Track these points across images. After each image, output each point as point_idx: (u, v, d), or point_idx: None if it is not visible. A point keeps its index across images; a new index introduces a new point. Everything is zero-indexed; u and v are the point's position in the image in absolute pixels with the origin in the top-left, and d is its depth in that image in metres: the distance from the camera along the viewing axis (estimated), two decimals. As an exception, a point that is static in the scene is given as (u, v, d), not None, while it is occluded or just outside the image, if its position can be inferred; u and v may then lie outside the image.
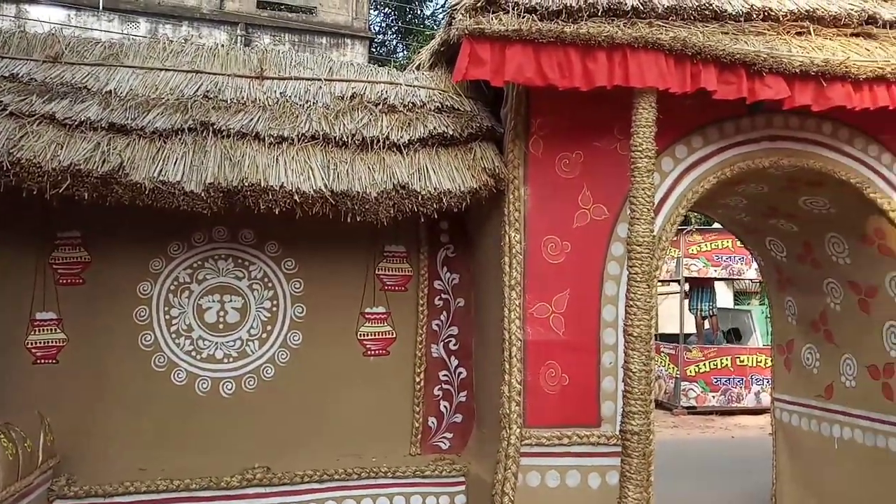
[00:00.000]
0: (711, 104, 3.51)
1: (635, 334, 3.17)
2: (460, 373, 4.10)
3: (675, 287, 12.31)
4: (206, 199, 3.24)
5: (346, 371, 3.93)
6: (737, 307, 15.73)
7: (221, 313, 3.87)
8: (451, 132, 3.65)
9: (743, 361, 10.39)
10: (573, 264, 3.63)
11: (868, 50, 3.66)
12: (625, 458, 3.14)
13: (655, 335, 12.08)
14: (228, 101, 3.60)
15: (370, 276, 3.99)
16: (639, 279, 3.20)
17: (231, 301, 3.88)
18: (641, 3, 3.31)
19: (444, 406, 4.04)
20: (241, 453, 3.73)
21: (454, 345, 4.11)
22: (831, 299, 4.74)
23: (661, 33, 3.22)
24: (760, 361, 10.16)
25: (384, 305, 4.00)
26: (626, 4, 3.28)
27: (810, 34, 3.67)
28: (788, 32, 3.65)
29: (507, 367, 3.50)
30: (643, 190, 3.20)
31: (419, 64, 4.46)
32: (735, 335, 11.86)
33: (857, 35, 3.77)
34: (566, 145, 3.68)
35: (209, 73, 3.75)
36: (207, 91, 3.63)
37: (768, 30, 3.59)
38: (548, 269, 3.61)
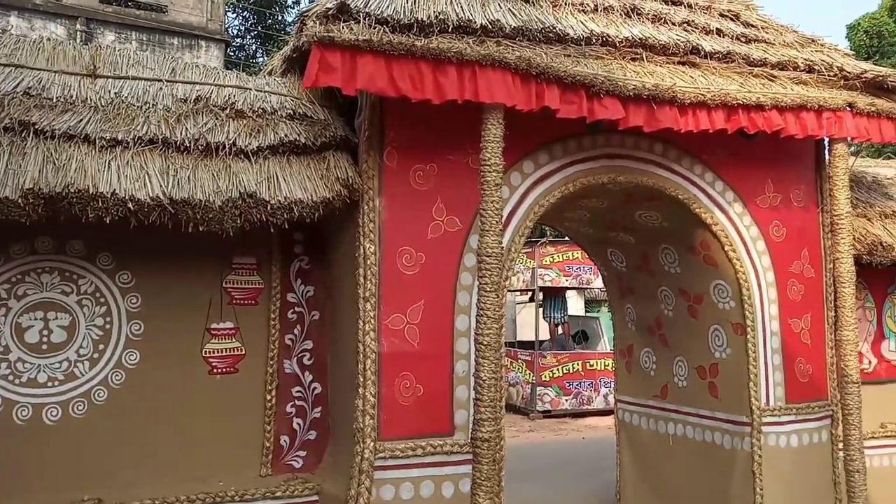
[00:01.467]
0: (556, 122, 3.69)
1: (485, 343, 3.24)
2: (315, 388, 3.98)
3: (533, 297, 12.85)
4: (24, 206, 2.93)
5: (189, 391, 3.68)
6: (587, 314, 16.66)
7: (45, 332, 3.50)
8: (303, 140, 3.56)
9: (593, 366, 11.01)
10: (428, 275, 3.66)
11: (692, 77, 4.03)
12: (476, 464, 3.20)
13: (514, 343, 12.56)
14: (54, 100, 3.31)
15: (217, 289, 3.78)
16: (488, 289, 3.28)
17: (57, 318, 3.51)
18: (490, 23, 3.43)
19: (298, 423, 3.91)
20: (69, 485, 3.38)
21: (309, 359, 3.98)
22: (665, 306, 5.13)
23: (508, 53, 3.35)
24: (608, 365, 10.78)
25: (232, 320, 3.80)
26: (475, 23, 3.38)
27: (643, 61, 3.98)
28: (624, 58, 3.93)
29: (362, 380, 3.45)
30: (492, 203, 3.29)
31: (272, 69, 4.33)
32: (582, 336, 12.53)
33: (683, 63, 4.14)
34: (420, 157, 3.71)
35: (32, 69, 3.43)
36: (29, 88, 3.31)
37: (606, 55, 3.85)
38: (403, 281, 3.61)
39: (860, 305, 5.69)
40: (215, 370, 3.75)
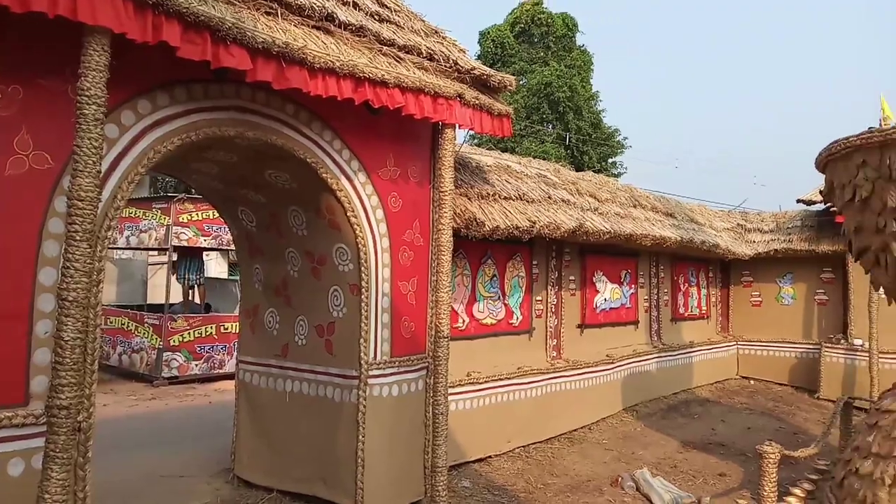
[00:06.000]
0: (179, 63, 3.41)
1: (71, 299, 2.85)
2: None
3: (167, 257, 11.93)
4: None
5: None
6: (231, 277, 16.21)
7: None
8: None
9: (227, 329, 10.74)
10: (2, 219, 3.06)
11: (325, 44, 4.10)
12: (51, 435, 2.81)
13: (143, 306, 11.50)
14: None
15: None
16: (79, 238, 2.88)
17: None
18: (101, -67, 2.97)
19: None
20: None
21: None
22: (291, 267, 5.21)
23: (119, -28, 2.95)
24: (243, 328, 10.62)
25: None
26: (80, -72, 2.89)
27: (277, 17, 3.91)
28: (258, 10, 3.81)
29: None
30: (89, 140, 2.89)
31: None
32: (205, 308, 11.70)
33: (317, 28, 4.18)
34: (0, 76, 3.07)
35: None
36: None
37: (239, 1, 3.68)
38: (-34, 223, 2.96)
39: (460, 273, 6.59)
40: None
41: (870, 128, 4.21)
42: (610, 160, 27.64)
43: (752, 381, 11.65)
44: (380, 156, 4.95)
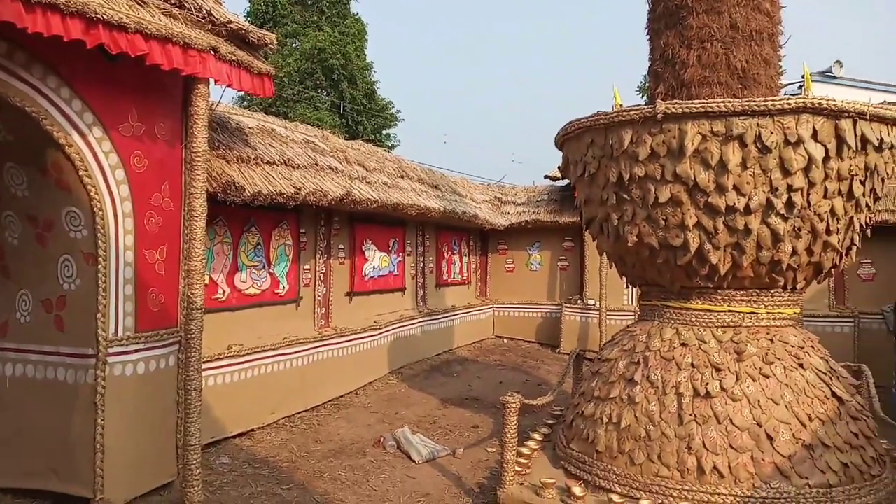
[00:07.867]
0: None
1: None
2: None
3: None
4: None
5: None
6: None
7: None
8: None
9: (-66, 308, 9.03)
10: None
11: (46, -25, 3.54)
12: None
13: None
14: None
15: None
16: None
17: None
18: None
19: None
20: None
21: None
22: (10, 233, 4.50)
23: None
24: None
25: None
26: None
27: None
28: (-47, -78, 3.16)
29: None
30: None
31: None
32: None
33: (37, -44, 3.59)
34: None
35: None
36: None
37: None
38: None
39: (220, 241, 6.24)
40: None
41: (598, 111, 4.76)
42: (384, 132, 28.04)
43: (505, 340, 12.75)
44: (120, 110, 4.44)
